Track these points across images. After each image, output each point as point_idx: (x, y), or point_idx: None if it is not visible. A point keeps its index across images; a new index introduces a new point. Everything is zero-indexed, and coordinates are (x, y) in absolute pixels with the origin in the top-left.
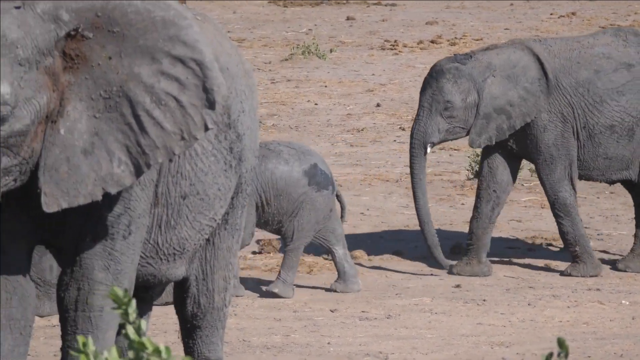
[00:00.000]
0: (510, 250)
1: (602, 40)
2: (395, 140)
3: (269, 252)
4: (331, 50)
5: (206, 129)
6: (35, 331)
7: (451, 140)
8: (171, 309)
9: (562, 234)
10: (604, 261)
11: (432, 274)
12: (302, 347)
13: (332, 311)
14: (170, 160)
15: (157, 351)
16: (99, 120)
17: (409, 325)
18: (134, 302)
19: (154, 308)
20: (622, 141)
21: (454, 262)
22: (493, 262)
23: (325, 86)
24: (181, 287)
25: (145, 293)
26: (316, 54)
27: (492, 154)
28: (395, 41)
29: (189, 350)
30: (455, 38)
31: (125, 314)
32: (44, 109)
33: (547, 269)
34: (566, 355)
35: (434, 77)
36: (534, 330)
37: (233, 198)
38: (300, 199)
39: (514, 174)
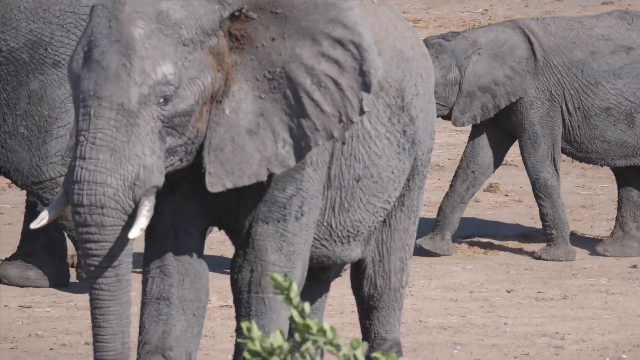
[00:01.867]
0: None
1: (605, 22)
2: None
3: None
4: None
5: (362, 112)
6: (212, 312)
7: None
8: (348, 290)
9: (542, 215)
10: None
11: (607, 255)
12: (479, 327)
13: (508, 292)
14: (343, 143)
15: (321, 331)
16: (264, 101)
17: (585, 306)
18: (295, 285)
19: (332, 289)
20: (620, 125)
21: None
22: None
23: None
24: (358, 269)
25: (322, 274)
26: None
27: (480, 134)
28: None
29: (365, 330)
30: None
31: (288, 299)
32: (209, 89)
33: None
34: None
35: None
36: None
37: (409, 180)
38: None
39: (499, 157)
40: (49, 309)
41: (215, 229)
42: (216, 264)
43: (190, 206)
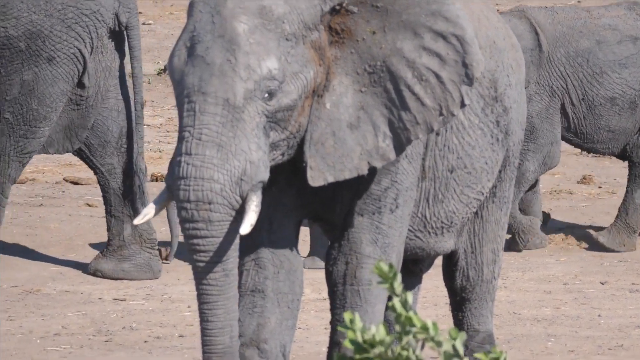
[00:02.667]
0: None
1: (613, 12)
2: None
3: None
4: None
5: (462, 105)
6: (306, 304)
7: None
8: (442, 282)
9: None
10: None
11: None
12: (573, 319)
13: (602, 283)
14: (437, 134)
15: (424, 328)
16: (364, 95)
17: None
18: (399, 276)
19: (425, 281)
20: (624, 114)
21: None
22: None
23: None
24: (450, 261)
25: (415, 266)
26: None
27: None
28: None
29: (458, 322)
30: None
31: (392, 289)
32: (311, 83)
33: None
34: None
35: None
36: None
37: (501, 171)
38: None
39: None
40: (143, 301)
41: None
42: None
43: (286, 199)
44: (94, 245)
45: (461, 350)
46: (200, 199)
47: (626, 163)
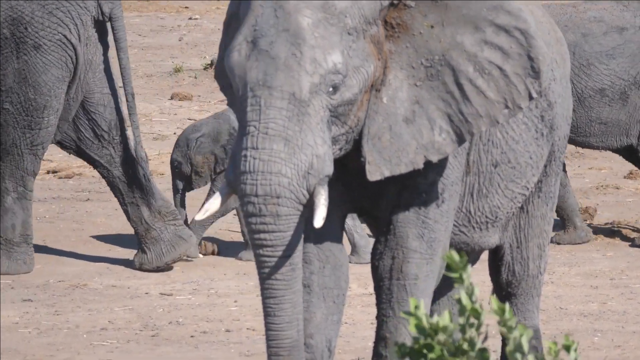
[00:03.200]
0: None
1: (599, 5)
2: None
3: (586, 220)
4: None
5: (530, 98)
6: (352, 299)
7: None
8: (488, 277)
9: None
10: None
11: None
12: (619, 314)
13: None
14: None
15: (502, 310)
16: (420, 89)
17: None
18: (469, 267)
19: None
20: (614, 105)
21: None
22: None
23: None
24: (496, 255)
25: None
26: None
27: None
28: None
29: None
30: None
31: (460, 279)
32: (371, 77)
33: None
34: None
35: None
36: None
37: (546, 166)
38: None
39: None
40: (190, 296)
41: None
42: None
43: (332, 194)
44: None
45: (526, 347)
46: (269, 193)
47: None
